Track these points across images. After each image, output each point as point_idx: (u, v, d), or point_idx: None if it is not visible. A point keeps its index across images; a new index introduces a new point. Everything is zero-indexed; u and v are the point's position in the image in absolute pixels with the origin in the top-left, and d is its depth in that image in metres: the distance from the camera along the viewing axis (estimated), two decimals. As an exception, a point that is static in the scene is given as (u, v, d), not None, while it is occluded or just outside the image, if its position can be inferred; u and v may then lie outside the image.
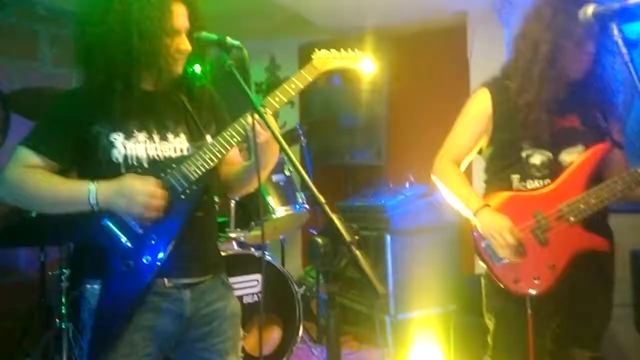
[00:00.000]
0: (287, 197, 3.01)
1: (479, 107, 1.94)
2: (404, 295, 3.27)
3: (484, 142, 1.97)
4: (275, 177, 2.94)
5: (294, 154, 3.84)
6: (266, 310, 2.85)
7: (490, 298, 1.92)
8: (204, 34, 1.51)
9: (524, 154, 1.87)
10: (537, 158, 1.86)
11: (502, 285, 1.81)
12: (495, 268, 1.82)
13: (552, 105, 1.79)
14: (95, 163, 1.50)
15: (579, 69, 1.81)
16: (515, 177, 1.88)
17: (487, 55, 3.45)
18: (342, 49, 1.74)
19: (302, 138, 3.23)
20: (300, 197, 3.11)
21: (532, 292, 1.79)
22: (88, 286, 1.51)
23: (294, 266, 4.09)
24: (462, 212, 1.91)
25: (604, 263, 1.89)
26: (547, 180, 1.84)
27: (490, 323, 1.91)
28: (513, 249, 1.75)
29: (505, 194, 1.87)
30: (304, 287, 3.47)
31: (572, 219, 1.78)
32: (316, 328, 3.70)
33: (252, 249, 2.97)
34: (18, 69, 3.54)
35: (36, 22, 3.64)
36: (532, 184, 1.86)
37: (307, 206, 3.13)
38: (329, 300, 1.09)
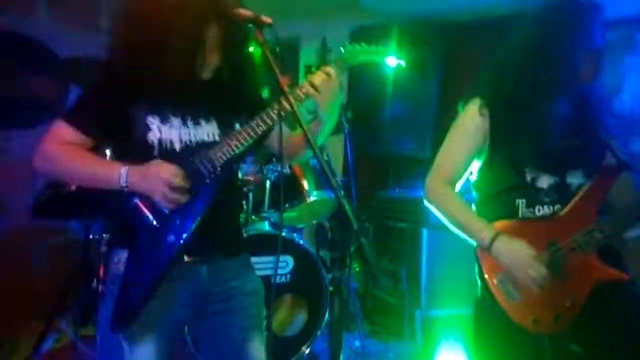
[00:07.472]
0: (322, 182, 2.98)
1: (475, 120, 1.74)
2: (436, 291, 3.21)
3: (480, 159, 1.78)
4: (312, 161, 2.91)
5: (337, 140, 3.78)
6: (294, 293, 2.85)
7: (489, 330, 1.73)
8: (240, 10, 1.48)
9: (528, 177, 1.71)
10: (544, 181, 1.70)
11: (517, 324, 1.64)
12: (510, 305, 1.64)
13: (557, 124, 1.64)
14: (130, 142, 1.55)
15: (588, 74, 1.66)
16: (521, 203, 1.72)
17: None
18: (371, 43, 1.74)
19: (345, 124, 3.18)
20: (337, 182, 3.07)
21: (553, 331, 1.65)
22: (116, 252, 1.58)
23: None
24: (469, 240, 1.74)
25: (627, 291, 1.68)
26: (558, 206, 1.69)
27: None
28: (538, 282, 1.59)
29: (514, 221, 1.70)
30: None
31: (588, 249, 1.62)
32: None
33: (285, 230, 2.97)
34: (79, 37, 3.67)
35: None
36: (541, 210, 1.70)
37: (342, 192, 3.08)
38: (334, 286, 1.08)
